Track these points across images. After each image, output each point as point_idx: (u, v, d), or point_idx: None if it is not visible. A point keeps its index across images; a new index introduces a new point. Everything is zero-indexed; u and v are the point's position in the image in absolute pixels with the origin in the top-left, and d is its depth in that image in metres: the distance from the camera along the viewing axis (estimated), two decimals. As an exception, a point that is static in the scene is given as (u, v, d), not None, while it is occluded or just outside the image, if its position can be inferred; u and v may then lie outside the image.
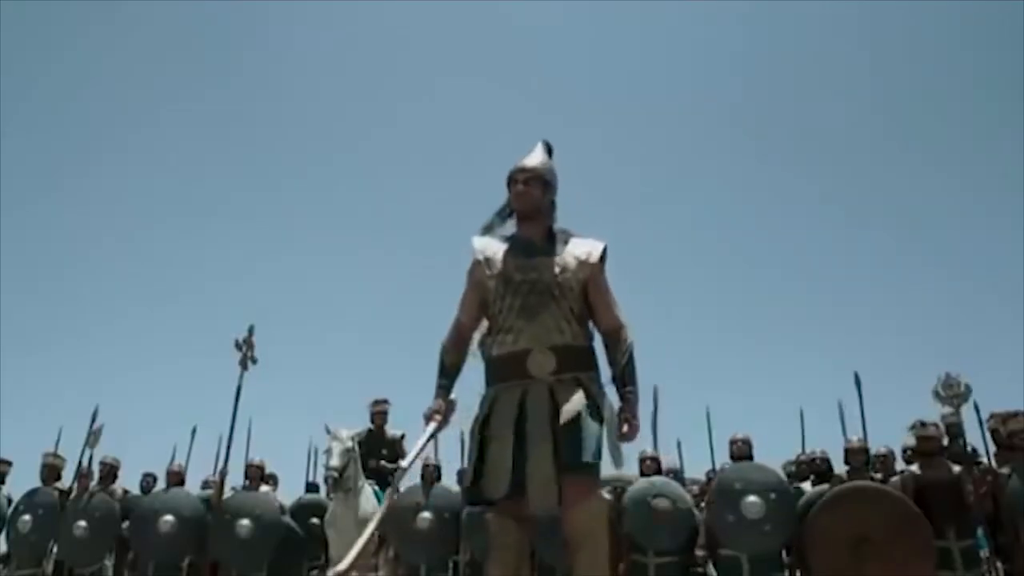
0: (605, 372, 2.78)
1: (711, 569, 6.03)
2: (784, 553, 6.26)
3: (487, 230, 2.88)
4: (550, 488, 2.43)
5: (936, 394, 6.11)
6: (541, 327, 2.61)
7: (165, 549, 6.60)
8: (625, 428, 2.60)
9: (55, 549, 6.90)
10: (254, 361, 6.90)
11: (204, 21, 28.09)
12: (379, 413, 7.22)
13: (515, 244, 2.79)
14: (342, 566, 2.36)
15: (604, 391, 2.70)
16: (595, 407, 2.57)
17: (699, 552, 6.09)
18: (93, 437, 7.23)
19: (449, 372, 2.84)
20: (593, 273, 2.72)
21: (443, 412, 2.76)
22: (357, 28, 29.63)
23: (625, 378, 2.67)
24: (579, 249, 2.76)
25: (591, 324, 2.79)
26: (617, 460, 2.62)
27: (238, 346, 6.88)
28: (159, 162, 26.73)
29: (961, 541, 5.69)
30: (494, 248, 2.79)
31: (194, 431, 7.45)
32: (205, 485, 7.60)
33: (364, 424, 7.11)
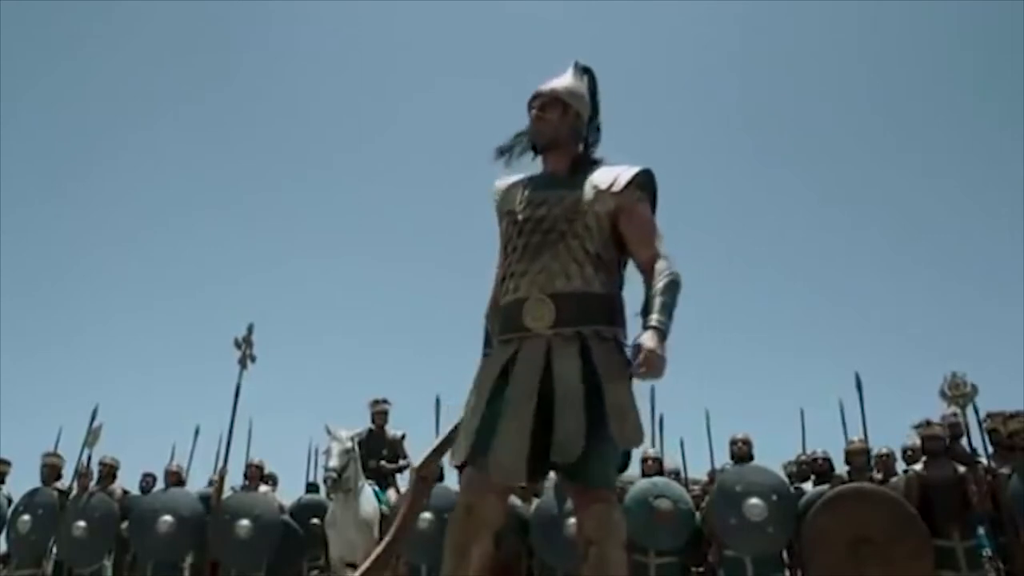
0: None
1: (721, 573, 6.03)
2: (785, 554, 6.26)
3: (502, 153, 2.46)
4: (517, 459, 2.00)
5: (943, 394, 6.11)
6: (543, 271, 2.19)
7: (164, 549, 6.59)
8: (639, 359, 1.97)
9: (55, 549, 6.89)
10: (253, 359, 6.89)
11: (204, 21, 28.07)
12: (379, 413, 7.20)
13: (536, 179, 2.41)
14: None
15: (622, 349, 2.20)
16: (597, 380, 2.07)
17: (711, 559, 6.11)
18: (92, 436, 7.22)
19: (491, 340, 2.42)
20: (622, 203, 2.25)
21: None
22: (358, 28, 29.61)
23: (651, 307, 2.09)
24: (603, 177, 2.30)
25: (626, 268, 2.34)
26: (633, 435, 2.08)
27: (237, 344, 6.87)
28: (159, 162, 26.73)
29: (965, 541, 5.69)
30: (513, 187, 2.43)
31: (197, 431, 7.44)
32: (211, 484, 7.59)
33: (364, 424, 7.09)
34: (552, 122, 2.36)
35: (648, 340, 2.00)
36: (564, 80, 2.43)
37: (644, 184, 2.33)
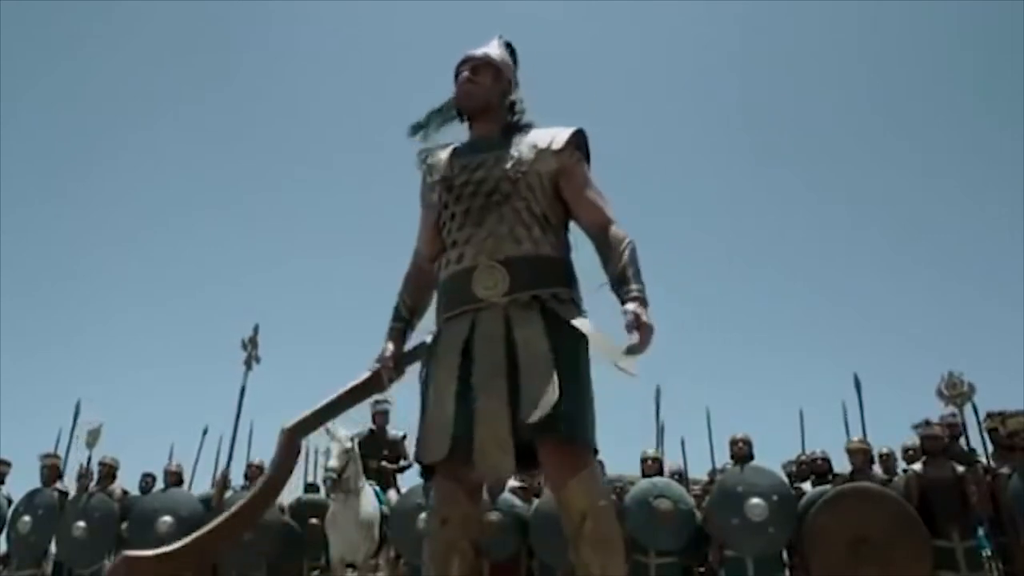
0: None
1: (722, 573, 6.03)
2: (785, 554, 6.27)
3: (417, 129, 2.36)
4: (503, 451, 1.87)
5: (940, 393, 6.12)
6: (490, 236, 2.05)
7: (164, 550, 6.58)
8: (634, 337, 1.86)
9: (54, 550, 6.89)
10: (258, 360, 6.91)
11: (204, 21, 28.11)
12: (380, 413, 7.20)
13: (465, 145, 2.28)
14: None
15: (582, 312, 2.11)
16: (564, 342, 1.97)
17: (712, 559, 6.13)
18: (91, 437, 7.22)
19: (403, 315, 2.30)
20: (563, 164, 2.14)
21: (389, 359, 2.22)
22: (358, 28, 29.64)
23: (626, 277, 1.99)
24: (539, 137, 2.19)
25: (571, 230, 2.24)
26: (585, 413, 1.97)
27: (244, 346, 6.88)
28: (159, 162, 26.75)
29: (964, 542, 5.68)
30: (441, 153, 2.29)
31: (205, 431, 7.45)
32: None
33: (365, 424, 7.09)
34: (484, 86, 2.25)
35: (641, 313, 1.90)
36: (493, 48, 2.32)
37: (580, 144, 2.22)
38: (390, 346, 2.25)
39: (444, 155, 2.27)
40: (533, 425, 1.84)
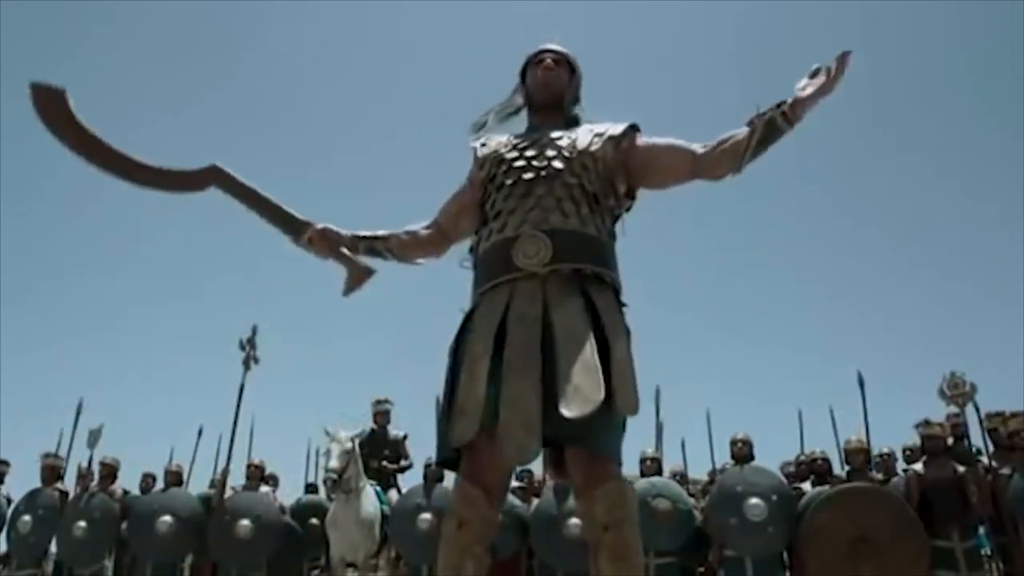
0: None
1: (721, 573, 6.03)
2: (785, 554, 6.26)
3: (480, 128, 2.32)
4: (530, 432, 1.75)
5: (942, 393, 6.10)
6: (536, 207, 1.99)
7: (163, 549, 6.59)
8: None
9: (55, 549, 6.90)
10: (256, 361, 6.90)
11: (204, 21, 28.12)
12: (381, 413, 7.21)
13: (523, 132, 2.25)
14: None
15: (622, 303, 2.03)
16: (601, 329, 1.87)
17: (711, 559, 6.13)
18: (93, 437, 7.23)
19: (379, 231, 2.28)
20: (628, 143, 2.12)
21: (325, 227, 2.23)
22: (360, 29, 29.65)
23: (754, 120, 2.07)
24: (597, 126, 2.18)
25: (623, 210, 2.18)
26: (631, 400, 1.83)
27: (242, 346, 6.88)
28: (159, 162, 26.72)
29: (965, 542, 5.68)
30: (497, 136, 2.27)
31: (200, 431, 7.46)
32: (213, 485, 7.61)
33: (367, 425, 7.09)
34: (563, 80, 2.25)
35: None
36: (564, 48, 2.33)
37: (638, 128, 2.21)
38: (340, 229, 2.25)
39: (500, 137, 2.26)
40: (568, 424, 1.74)
